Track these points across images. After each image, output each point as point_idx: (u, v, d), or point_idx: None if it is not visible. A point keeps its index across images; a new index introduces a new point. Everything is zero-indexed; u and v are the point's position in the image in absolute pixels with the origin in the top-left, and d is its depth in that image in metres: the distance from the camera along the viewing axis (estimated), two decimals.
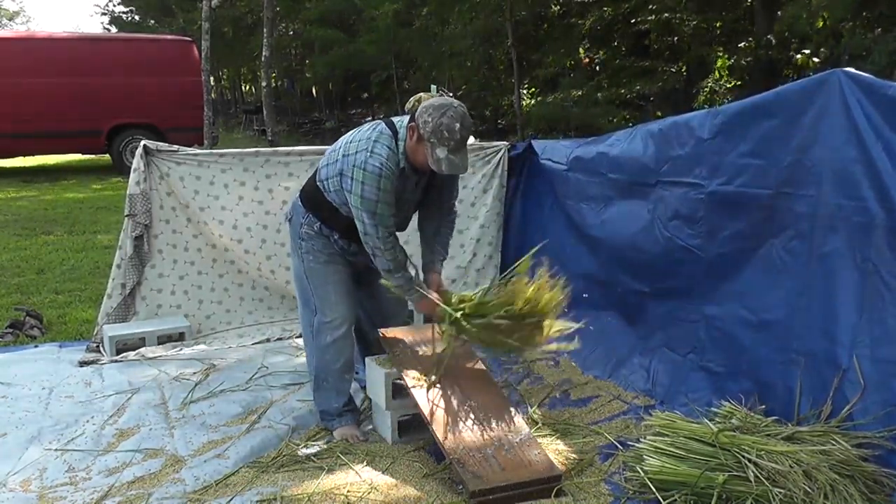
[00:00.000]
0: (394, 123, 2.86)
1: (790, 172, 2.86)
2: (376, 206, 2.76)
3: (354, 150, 2.81)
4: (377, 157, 2.75)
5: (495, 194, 4.87)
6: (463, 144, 2.73)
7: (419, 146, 2.75)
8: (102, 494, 2.61)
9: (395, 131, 2.82)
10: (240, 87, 34.02)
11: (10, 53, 11.59)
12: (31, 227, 7.79)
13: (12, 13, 50.08)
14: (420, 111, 2.74)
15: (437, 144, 2.69)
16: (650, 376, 3.45)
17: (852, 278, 2.63)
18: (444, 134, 2.67)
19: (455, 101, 2.77)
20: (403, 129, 2.81)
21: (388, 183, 2.76)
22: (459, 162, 2.73)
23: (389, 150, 2.78)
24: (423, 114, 2.72)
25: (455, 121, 2.68)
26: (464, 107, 2.77)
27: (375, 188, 2.74)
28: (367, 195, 2.75)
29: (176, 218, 4.34)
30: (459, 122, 2.69)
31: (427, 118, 2.70)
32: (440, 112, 2.69)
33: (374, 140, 2.79)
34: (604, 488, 2.63)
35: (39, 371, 3.82)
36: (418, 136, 2.73)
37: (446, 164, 2.71)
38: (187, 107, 12.21)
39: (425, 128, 2.69)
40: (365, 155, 2.76)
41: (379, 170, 2.74)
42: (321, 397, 3.14)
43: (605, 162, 3.91)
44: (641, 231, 3.65)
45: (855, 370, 2.57)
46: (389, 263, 2.87)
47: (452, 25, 14.88)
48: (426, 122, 2.69)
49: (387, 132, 2.82)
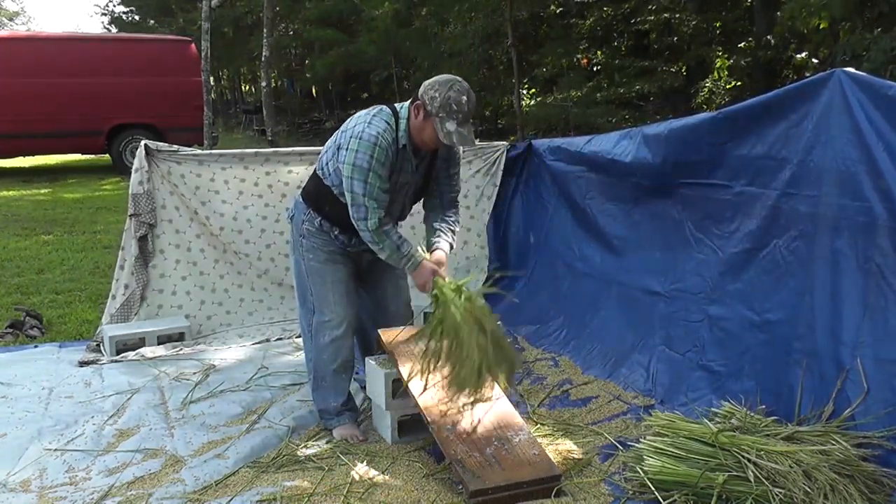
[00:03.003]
0: (394, 107, 2.91)
1: (793, 173, 2.86)
2: (367, 175, 2.77)
3: (353, 125, 2.87)
4: (374, 127, 2.79)
5: (487, 194, 4.89)
6: (469, 117, 2.77)
7: (426, 123, 2.78)
8: (102, 494, 2.61)
9: (395, 112, 2.87)
10: (240, 87, 34.02)
11: (10, 53, 11.60)
12: (31, 227, 7.79)
13: (12, 13, 50.09)
14: (425, 88, 2.77)
15: (446, 118, 2.73)
16: (650, 375, 3.46)
17: (855, 279, 2.63)
18: (453, 107, 2.71)
19: (457, 76, 2.81)
20: (405, 109, 2.85)
21: (382, 153, 2.77)
22: (468, 134, 2.77)
23: (387, 124, 2.82)
24: (428, 90, 2.75)
25: (462, 94, 2.73)
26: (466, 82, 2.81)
27: (369, 155, 2.76)
28: (359, 162, 2.76)
29: (179, 218, 4.35)
30: (466, 96, 2.74)
31: (434, 94, 2.73)
32: (447, 87, 2.73)
33: (373, 115, 2.85)
34: (604, 488, 2.63)
35: (39, 371, 3.82)
36: (424, 114, 2.76)
37: (457, 136, 2.74)
38: (187, 107, 12.21)
39: (433, 103, 2.73)
40: (363, 126, 2.81)
41: (375, 138, 2.77)
42: (319, 396, 3.15)
43: (616, 162, 3.86)
44: (661, 232, 3.66)
45: (857, 371, 2.58)
46: (374, 235, 2.84)
47: (452, 25, 14.87)
48: (433, 98, 2.73)
49: (387, 110, 2.88)
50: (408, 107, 2.85)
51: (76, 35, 14.48)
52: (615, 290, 3.94)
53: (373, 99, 23.27)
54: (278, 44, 20.06)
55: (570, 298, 4.25)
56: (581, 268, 4.24)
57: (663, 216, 3.63)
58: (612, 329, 3.84)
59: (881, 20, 7.52)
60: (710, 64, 11.72)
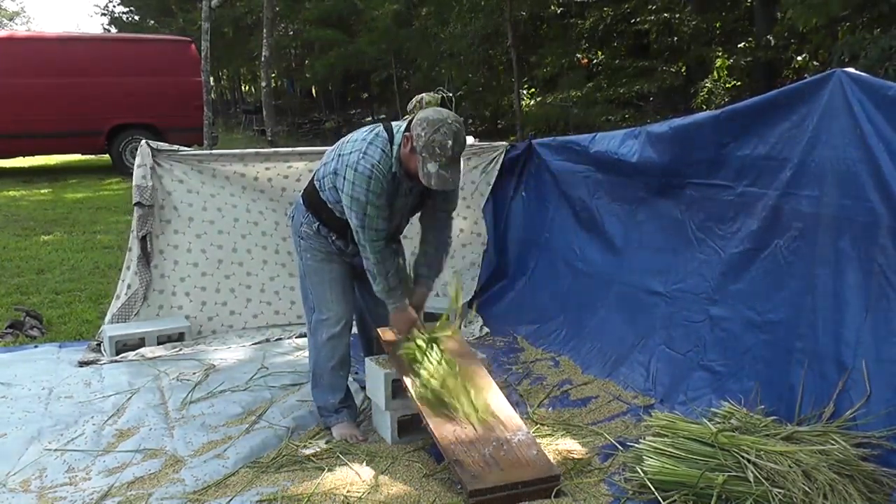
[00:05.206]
0: (391, 128, 2.86)
1: (794, 173, 2.86)
2: (366, 208, 2.76)
3: (349, 150, 2.83)
4: (369, 159, 2.75)
5: (482, 191, 4.90)
6: (455, 160, 2.70)
7: (412, 156, 2.74)
8: (102, 494, 2.61)
9: (391, 136, 2.82)
10: (240, 87, 34.02)
11: (10, 53, 11.59)
12: (31, 227, 7.79)
13: (12, 13, 50.11)
14: (415, 123, 2.71)
15: (428, 159, 2.67)
16: (650, 375, 3.46)
17: (857, 279, 2.64)
18: (436, 150, 2.65)
19: (451, 114, 2.72)
20: (399, 134, 2.80)
21: (377, 185, 2.75)
22: (450, 177, 2.70)
23: (383, 152, 2.77)
24: (416, 126, 2.69)
25: (448, 138, 2.64)
26: (460, 121, 2.72)
27: (365, 189, 2.74)
28: (356, 195, 2.76)
29: (178, 218, 4.34)
30: (452, 139, 2.65)
31: (420, 132, 2.67)
32: (434, 128, 2.65)
33: (369, 142, 2.79)
34: (603, 488, 2.63)
35: (39, 371, 3.82)
36: (411, 147, 2.72)
37: (436, 178, 2.68)
38: (187, 107, 12.19)
39: (418, 141, 2.67)
40: (357, 155, 2.77)
41: (370, 171, 2.74)
42: (318, 394, 3.17)
43: (622, 162, 3.84)
44: (663, 232, 3.65)
45: (859, 370, 2.58)
46: (374, 267, 2.87)
47: (452, 25, 14.86)
48: (419, 136, 2.67)
49: (383, 135, 2.82)
50: (402, 132, 2.79)
51: (76, 35, 14.45)
52: (616, 290, 3.94)
53: (373, 99, 23.28)
54: (278, 44, 20.05)
55: (571, 298, 4.25)
56: (582, 267, 4.25)
57: (666, 216, 3.64)
58: (612, 329, 3.84)
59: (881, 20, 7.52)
60: (710, 64, 11.71)
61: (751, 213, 3.11)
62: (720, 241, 3.30)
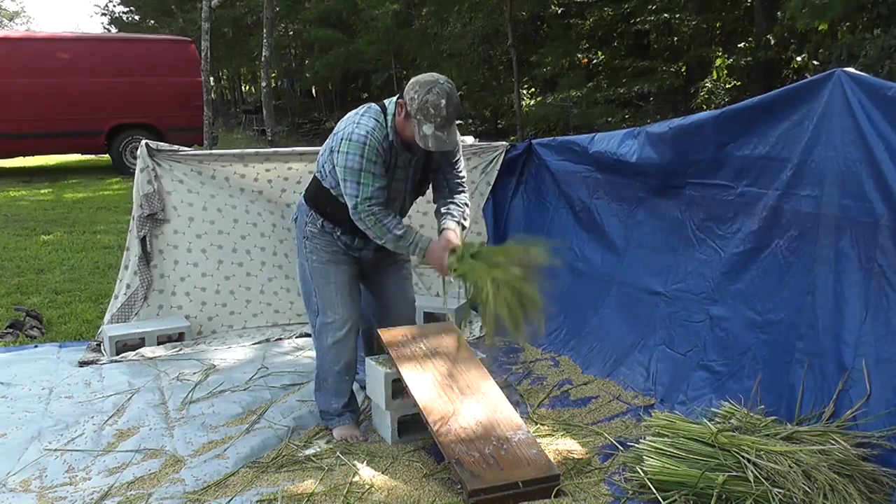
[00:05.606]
0: (384, 104, 2.90)
1: (794, 173, 2.86)
2: (360, 175, 2.77)
3: (343, 126, 2.87)
4: (362, 127, 2.78)
5: (481, 191, 4.90)
6: (450, 121, 2.72)
7: (407, 122, 2.77)
8: (102, 494, 2.61)
9: (384, 108, 2.86)
10: (240, 87, 34.02)
11: (10, 53, 11.60)
12: (31, 227, 7.79)
13: (12, 13, 50.10)
14: (407, 88, 2.76)
15: (423, 121, 2.70)
16: (650, 375, 3.46)
17: (857, 279, 2.64)
18: (430, 111, 2.68)
19: (442, 76, 2.77)
20: (392, 105, 2.84)
21: (372, 152, 2.77)
22: (447, 138, 2.73)
23: (376, 121, 2.81)
24: (409, 90, 2.74)
25: (441, 97, 2.68)
26: (451, 83, 2.76)
27: (359, 156, 2.75)
28: (350, 164, 2.77)
29: (178, 218, 4.34)
30: (445, 99, 2.68)
31: (413, 95, 2.71)
32: (426, 89, 2.69)
33: (362, 114, 2.85)
34: (604, 488, 2.63)
35: (39, 371, 3.82)
36: (406, 113, 2.75)
37: (433, 140, 2.71)
38: (187, 107, 12.21)
39: (412, 104, 2.71)
40: (351, 127, 2.81)
41: (364, 138, 2.76)
42: (321, 397, 3.16)
43: (622, 162, 3.84)
44: (663, 232, 3.65)
45: (859, 370, 2.58)
46: (376, 230, 2.83)
47: (452, 25, 14.86)
48: (412, 99, 2.71)
49: (375, 107, 2.88)
50: (395, 102, 2.84)
51: (76, 35, 14.45)
52: (616, 290, 3.94)
53: (373, 99, 23.25)
54: (278, 44, 20.06)
55: (571, 298, 4.24)
56: (581, 267, 4.24)
57: (665, 216, 3.64)
58: (612, 329, 3.84)
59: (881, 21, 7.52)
60: (710, 64, 11.72)
61: (751, 213, 3.11)
62: (720, 241, 3.30)
